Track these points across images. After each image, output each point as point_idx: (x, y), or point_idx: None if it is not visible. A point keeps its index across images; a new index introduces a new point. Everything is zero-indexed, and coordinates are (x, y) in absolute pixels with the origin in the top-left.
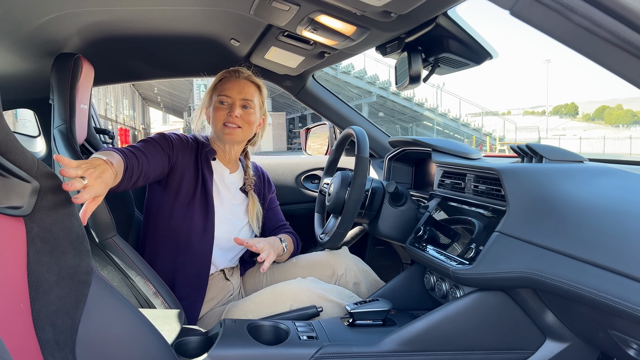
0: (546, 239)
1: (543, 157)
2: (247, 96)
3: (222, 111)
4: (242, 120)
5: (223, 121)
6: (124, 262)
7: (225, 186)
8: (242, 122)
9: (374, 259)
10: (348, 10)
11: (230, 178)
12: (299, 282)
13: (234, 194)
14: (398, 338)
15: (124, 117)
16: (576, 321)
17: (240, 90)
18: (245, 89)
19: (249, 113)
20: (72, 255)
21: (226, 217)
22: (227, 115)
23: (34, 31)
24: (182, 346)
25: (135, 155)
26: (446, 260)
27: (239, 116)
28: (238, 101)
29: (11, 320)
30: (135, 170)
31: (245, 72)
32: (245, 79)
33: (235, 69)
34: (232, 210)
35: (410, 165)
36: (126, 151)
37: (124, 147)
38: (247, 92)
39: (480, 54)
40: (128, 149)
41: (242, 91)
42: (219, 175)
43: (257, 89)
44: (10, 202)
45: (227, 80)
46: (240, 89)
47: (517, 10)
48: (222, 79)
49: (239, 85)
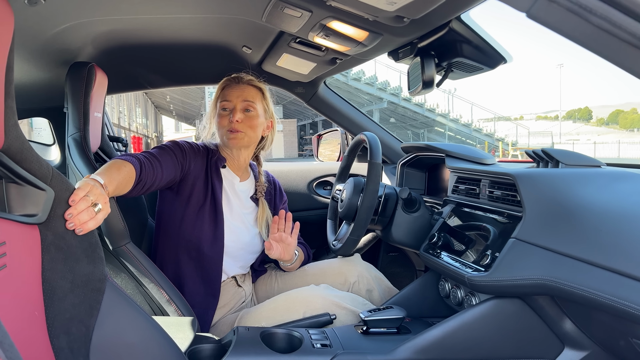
0: (564, 245)
1: (559, 162)
2: (247, 98)
3: (224, 118)
4: (244, 124)
5: (226, 127)
6: (137, 270)
7: (236, 194)
8: (244, 126)
9: (387, 266)
10: (360, 15)
11: (240, 186)
12: (312, 289)
13: (244, 202)
14: (413, 346)
15: (137, 125)
16: (596, 329)
17: (240, 94)
18: (246, 92)
19: (251, 116)
20: (86, 263)
21: (236, 226)
22: (229, 122)
23: (49, 40)
24: (195, 354)
25: (150, 162)
26: (461, 267)
27: (240, 120)
28: (238, 105)
29: (26, 328)
30: (149, 178)
31: (246, 77)
32: (246, 83)
33: (236, 76)
34: (241, 218)
35: (423, 171)
36: (141, 157)
37: (138, 153)
38: (248, 95)
39: (495, 58)
40: (143, 155)
41: (242, 94)
42: (229, 183)
43: (259, 92)
44: (25, 210)
45: (228, 86)
46: (239, 92)
47: (533, 12)
48: (224, 87)
49: (239, 90)
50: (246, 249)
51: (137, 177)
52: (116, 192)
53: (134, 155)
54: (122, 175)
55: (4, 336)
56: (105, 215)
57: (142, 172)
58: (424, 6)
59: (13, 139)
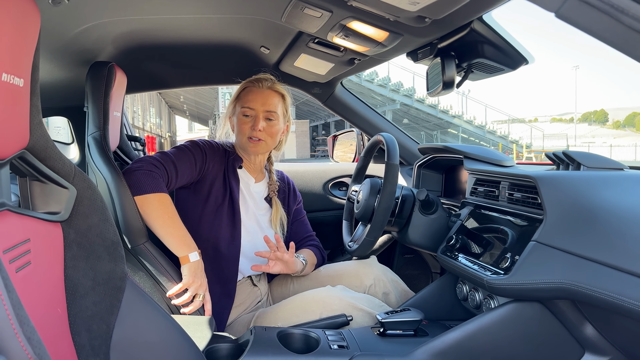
0: (586, 248)
1: (581, 165)
2: (270, 108)
3: (246, 124)
4: (265, 133)
5: (247, 135)
6: (155, 269)
7: (251, 195)
8: (265, 135)
9: (402, 268)
10: (381, 16)
11: (255, 187)
12: (329, 290)
13: (259, 204)
14: (431, 349)
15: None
16: (618, 334)
17: (264, 102)
18: (269, 100)
19: (272, 125)
20: (107, 261)
21: (251, 226)
22: (250, 130)
23: (71, 40)
24: (212, 353)
25: (168, 168)
26: (480, 269)
27: (262, 130)
28: (261, 113)
29: (50, 325)
30: (171, 182)
31: (268, 80)
32: (268, 88)
33: (257, 78)
34: (256, 219)
35: (440, 172)
36: (161, 167)
37: (156, 154)
38: (271, 104)
39: (516, 59)
40: (161, 160)
41: (266, 103)
42: (244, 184)
43: (280, 98)
44: (48, 207)
45: (250, 90)
46: (263, 100)
47: (563, 12)
48: (245, 88)
49: (262, 97)
50: (261, 249)
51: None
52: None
53: (154, 163)
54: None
55: (33, 333)
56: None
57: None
58: (447, 6)
59: (38, 137)
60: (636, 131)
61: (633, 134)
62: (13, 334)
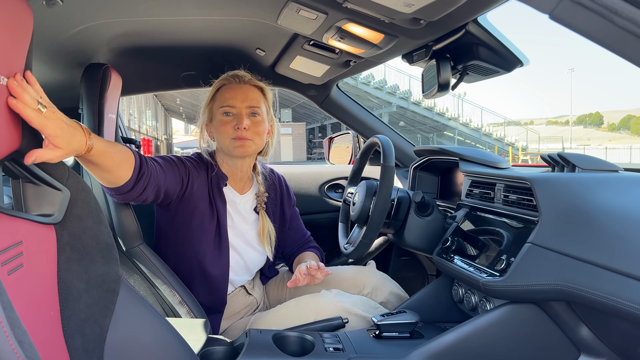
0: (582, 250)
1: (576, 167)
2: (252, 103)
3: (228, 125)
4: (251, 131)
5: (231, 136)
6: (150, 271)
7: (238, 213)
8: (251, 133)
9: (398, 270)
10: (376, 17)
11: (242, 201)
12: (324, 296)
13: (247, 217)
14: (427, 351)
15: (147, 127)
16: (614, 336)
17: (245, 97)
18: (250, 94)
19: (257, 122)
20: (101, 264)
21: (239, 245)
22: (234, 130)
23: (65, 42)
24: (207, 356)
25: (153, 161)
26: (476, 271)
27: (248, 128)
28: (244, 110)
29: (42, 327)
30: (152, 173)
31: (246, 75)
32: (247, 83)
33: (234, 74)
34: (244, 238)
35: (436, 174)
36: (147, 157)
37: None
38: (253, 99)
39: (511, 61)
40: (149, 157)
41: (247, 98)
42: (231, 203)
43: (261, 93)
44: (41, 209)
45: (227, 88)
46: (244, 96)
47: (557, 14)
48: (220, 87)
49: (242, 92)
50: (250, 265)
51: (137, 166)
52: (104, 158)
53: (138, 153)
54: (116, 148)
55: (24, 335)
56: (46, 126)
57: (142, 164)
58: (442, 8)
59: (30, 139)
60: (631, 134)
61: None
62: (4, 336)
